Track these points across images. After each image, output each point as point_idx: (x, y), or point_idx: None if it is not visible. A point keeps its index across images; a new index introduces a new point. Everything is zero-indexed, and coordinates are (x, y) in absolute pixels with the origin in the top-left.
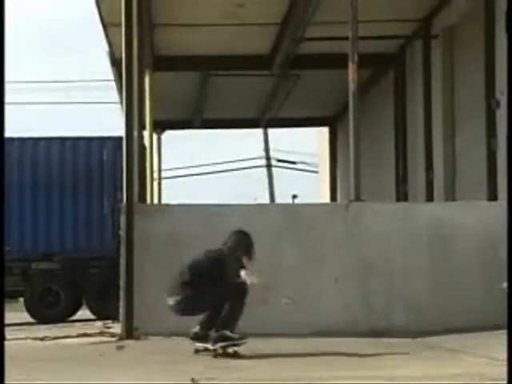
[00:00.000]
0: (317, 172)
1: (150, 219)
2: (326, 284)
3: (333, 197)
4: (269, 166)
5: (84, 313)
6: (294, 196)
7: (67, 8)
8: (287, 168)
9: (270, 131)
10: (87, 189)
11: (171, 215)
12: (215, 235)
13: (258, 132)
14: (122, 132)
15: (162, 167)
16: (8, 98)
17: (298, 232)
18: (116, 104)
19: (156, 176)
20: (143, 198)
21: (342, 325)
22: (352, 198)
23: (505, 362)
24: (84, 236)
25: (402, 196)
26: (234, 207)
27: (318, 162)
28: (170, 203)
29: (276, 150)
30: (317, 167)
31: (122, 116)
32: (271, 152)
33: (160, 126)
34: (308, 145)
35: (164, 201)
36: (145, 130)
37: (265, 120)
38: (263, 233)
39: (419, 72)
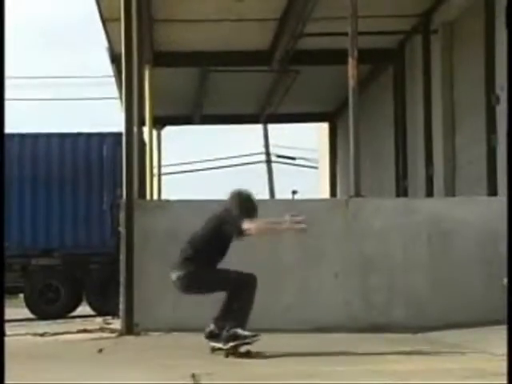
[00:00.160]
0: (316, 168)
1: (150, 215)
2: (326, 280)
3: (333, 192)
4: (268, 162)
5: (84, 309)
6: (294, 192)
7: (67, 5)
8: (287, 164)
9: (270, 127)
10: (87, 185)
11: (171, 211)
12: None
13: (258, 128)
14: (121, 128)
15: (162, 163)
16: (8, 93)
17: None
18: (116, 100)
19: (156, 172)
20: (143, 194)
21: (342, 320)
22: (352, 194)
23: (505, 357)
24: (84, 232)
25: (401, 192)
26: None
27: (317, 158)
28: (169, 199)
29: (276, 146)
30: (316, 163)
31: (122, 112)
32: (271, 148)
33: (160, 122)
34: (308, 140)
35: (164, 197)
36: (144, 125)
37: (264, 116)
38: None
39: (419, 67)
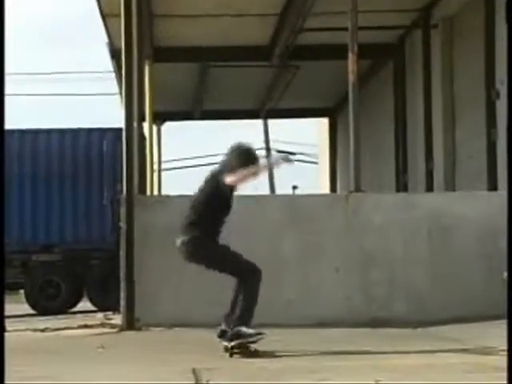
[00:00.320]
0: (317, 163)
1: (150, 211)
2: (327, 275)
3: (333, 188)
4: (268, 157)
5: (85, 304)
6: (294, 187)
7: (68, 1)
8: None
9: (270, 122)
10: (87, 180)
11: (171, 206)
12: None
13: (258, 123)
14: (121, 123)
15: (162, 158)
16: (8, 89)
17: (299, 223)
18: (116, 95)
19: (156, 167)
20: (143, 190)
21: (343, 315)
22: (352, 189)
23: (505, 352)
24: (84, 227)
25: (401, 187)
26: (234, 198)
27: (317, 153)
28: (169, 194)
29: (276, 141)
30: (317, 158)
31: (122, 107)
32: (271, 143)
33: (160, 118)
34: (308, 136)
35: (164, 192)
36: (144, 121)
37: (264, 111)
38: (263, 224)
39: (419, 62)
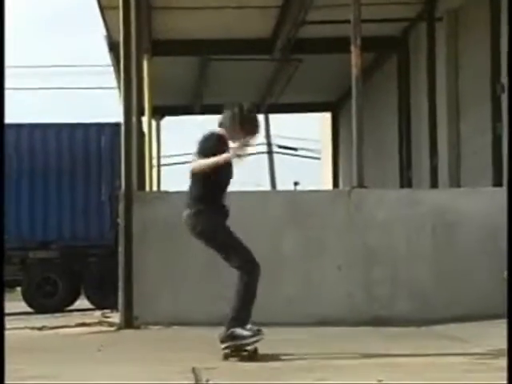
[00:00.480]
0: (319, 158)
1: (149, 207)
2: (329, 272)
3: (335, 183)
4: (270, 153)
5: (82, 302)
6: (296, 183)
7: None
8: (289, 154)
9: (271, 117)
10: (85, 176)
11: (170, 203)
12: None
13: (259, 118)
14: (120, 118)
15: (161, 154)
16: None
17: (300, 219)
18: (114, 89)
19: (155, 163)
20: (142, 186)
21: (345, 314)
22: (355, 185)
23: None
24: (82, 224)
25: (405, 182)
26: (235, 194)
27: (320, 149)
28: (169, 190)
29: (277, 136)
30: (319, 153)
31: (120, 102)
32: (272, 138)
33: (159, 112)
34: (310, 131)
35: (163, 188)
36: (143, 115)
37: (266, 105)
38: (264, 220)
39: (423, 55)
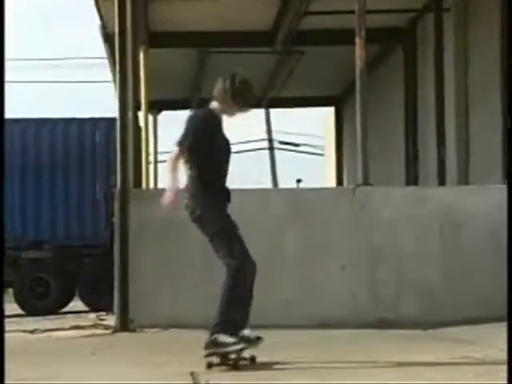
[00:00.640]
0: (322, 155)
1: (146, 205)
2: (332, 273)
3: (339, 181)
4: (271, 149)
5: (76, 304)
6: (299, 180)
7: None
8: (291, 151)
9: (273, 112)
10: (79, 173)
11: None
12: None
13: (260, 113)
14: (115, 113)
15: (158, 150)
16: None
17: (302, 218)
18: (109, 83)
19: (152, 159)
20: (138, 183)
21: (349, 315)
22: (359, 182)
23: None
24: (76, 223)
25: (412, 179)
26: (235, 192)
27: (323, 144)
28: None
29: (279, 132)
30: (322, 150)
31: (116, 96)
32: (273, 134)
33: (156, 107)
34: (312, 126)
35: (160, 185)
36: (140, 110)
37: (267, 100)
38: (265, 219)
39: (430, 47)
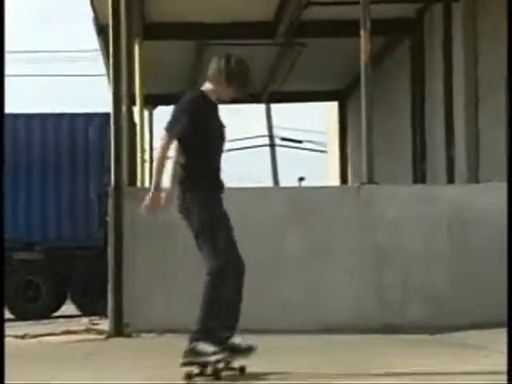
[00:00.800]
0: (325, 152)
1: (141, 204)
2: (336, 275)
3: (343, 179)
4: (272, 146)
5: (68, 308)
6: (301, 178)
7: None
8: (292, 147)
9: (273, 106)
10: (71, 171)
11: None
12: None
13: (260, 108)
14: (109, 108)
15: (154, 146)
16: None
17: (304, 218)
18: (103, 77)
19: (147, 156)
20: (133, 181)
21: (353, 320)
22: (364, 180)
23: None
24: (68, 223)
25: (419, 177)
26: (233, 191)
27: (326, 141)
28: (162, 186)
29: (280, 128)
30: (325, 146)
31: (110, 90)
32: (274, 130)
33: (151, 101)
34: (315, 122)
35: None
36: (134, 105)
37: (267, 94)
38: (265, 219)
39: (438, 39)
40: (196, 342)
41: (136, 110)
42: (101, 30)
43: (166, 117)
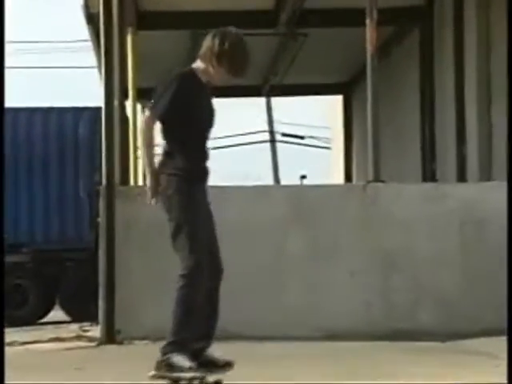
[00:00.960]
0: (329, 148)
1: (133, 203)
2: (340, 278)
3: (348, 177)
4: (273, 142)
5: (56, 314)
6: (303, 176)
7: None
8: (294, 144)
9: (274, 100)
10: (60, 168)
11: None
12: None
13: (260, 101)
14: (100, 102)
15: None
16: None
17: (307, 218)
18: (93, 69)
19: (140, 153)
20: (126, 179)
21: (359, 326)
22: (370, 178)
23: None
24: (57, 224)
25: (429, 175)
26: (231, 189)
27: (330, 137)
28: None
29: (281, 123)
30: (329, 143)
31: (101, 83)
32: (275, 125)
33: (145, 95)
34: (319, 116)
35: None
36: (127, 99)
37: (268, 87)
38: (266, 219)
39: (450, 29)
40: (170, 353)
41: (129, 103)
42: (91, 19)
43: None
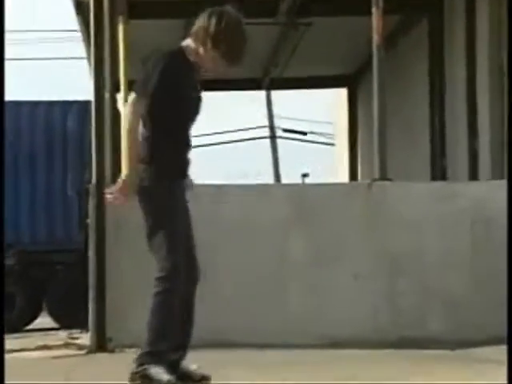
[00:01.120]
0: (332, 144)
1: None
2: (344, 282)
3: (352, 175)
4: (273, 138)
5: (44, 320)
6: (305, 175)
7: None
8: (296, 140)
9: (275, 94)
10: (48, 165)
11: None
12: (204, 222)
13: (260, 95)
14: (90, 95)
15: None
16: None
17: (309, 218)
18: (83, 60)
19: None
20: (116, 177)
21: (363, 333)
22: (376, 177)
23: None
24: (44, 224)
25: (439, 173)
26: (229, 188)
27: (333, 133)
28: None
29: (282, 118)
30: (332, 139)
31: (91, 75)
32: (276, 120)
33: None
34: (322, 111)
35: None
36: (118, 91)
37: (268, 80)
38: (265, 220)
39: (461, 18)
40: (147, 365)
41: (120, 96)
42: (80, 7)
43: None
